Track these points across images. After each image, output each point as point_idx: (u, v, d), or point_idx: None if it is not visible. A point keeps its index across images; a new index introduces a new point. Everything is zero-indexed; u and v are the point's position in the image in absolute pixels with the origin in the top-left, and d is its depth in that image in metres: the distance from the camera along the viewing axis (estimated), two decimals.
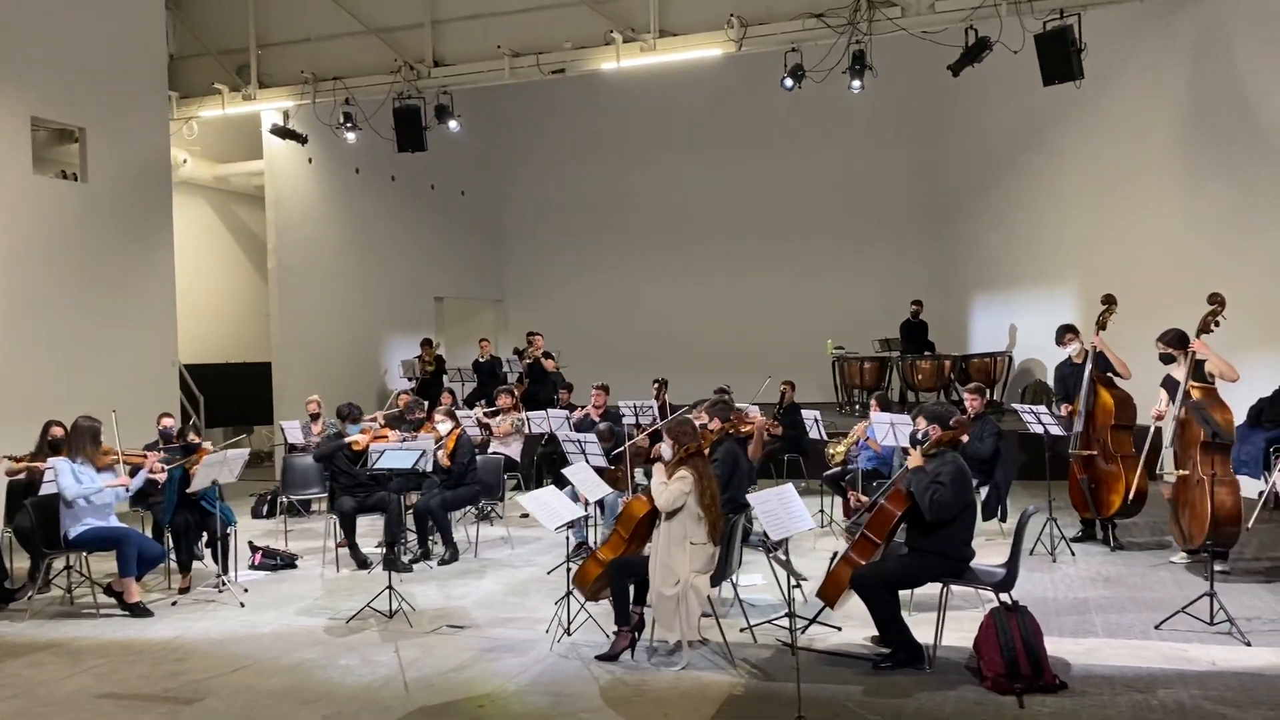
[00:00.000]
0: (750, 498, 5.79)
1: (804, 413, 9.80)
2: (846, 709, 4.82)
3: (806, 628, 5.95)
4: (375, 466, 6.96)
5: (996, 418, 9.42)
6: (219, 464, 7.17)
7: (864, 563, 5.45)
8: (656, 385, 12.15)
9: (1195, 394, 7.23)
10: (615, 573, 5.60)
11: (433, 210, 17.77)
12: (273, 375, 14.26)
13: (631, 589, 5.69)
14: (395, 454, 6.93)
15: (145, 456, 7.42)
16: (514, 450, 10.72)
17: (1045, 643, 5.63)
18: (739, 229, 18.50)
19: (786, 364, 16.03)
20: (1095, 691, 4.93)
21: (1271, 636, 5.67)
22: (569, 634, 5.96)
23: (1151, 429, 7.60)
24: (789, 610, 5.89)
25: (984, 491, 8.66)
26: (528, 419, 10.89)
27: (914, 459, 5.48)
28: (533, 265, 19.76)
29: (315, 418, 10.84)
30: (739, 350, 17.19)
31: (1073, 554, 7.94)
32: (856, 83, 11.84)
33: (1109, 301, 8.29)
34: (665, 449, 5.65)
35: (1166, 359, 7.65)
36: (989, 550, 8.09)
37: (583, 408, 11.21)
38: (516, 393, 12.91)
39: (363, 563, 8.12)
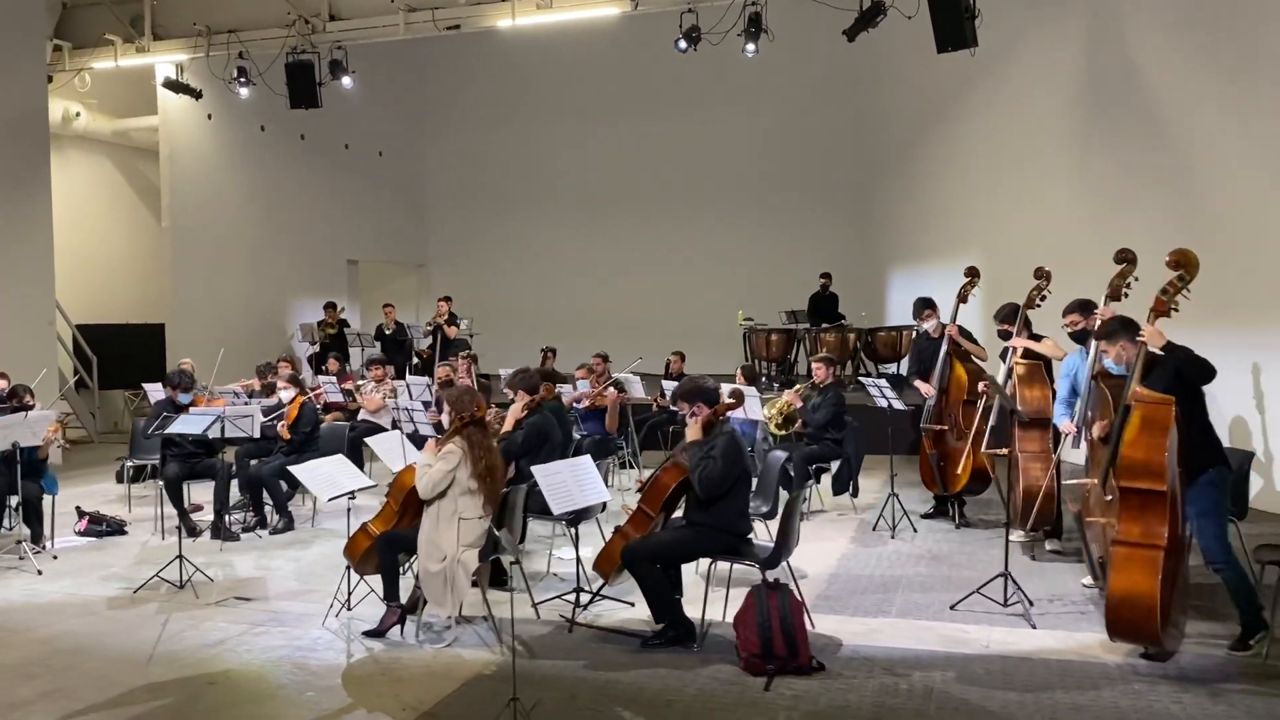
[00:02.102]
0: (535, 469, 5.62)
1: (664, 384, 9.59)
2: (582, 688, 4.66)
3: (589, 603, 5.77)
4: (165, 432, 6.71)
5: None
6: (18, 426, 6.90)
7: (637, 536, 5.26)
8: (544, 354, 11.93)
9: (1019, 368, 7.11)
10: (384, 547, 5.39)
11: (346, 170, 17.39)
12: (166, 337, 13.95)
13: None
14: (187, 420, 6.69)
15: None
16: (385, 422, 10.47)
17: (828, 622, 5.55)
18: (659, 197, 18.27)
19: (702, 335, 15.93)
20: (850, 674, 4.78)
21: (1061, 619, 5.54)
22: (349, 608, 5.76)
23: (982, 405, 7.45)
24: (577, 586, 5.76)
25: (834, 465, 8.54)
26: (397, 390, 10.63)
27: (692, 431, 5.29)
28: (457, 230, 19.45)
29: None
30: (657, 320, 17.04)
31: (914, 530, 7.80)
32: (751, 46, 11.63)
33: (972, 274, 8.12)
34: (444, 418, 5.42)
35: (1004, 335, 7.51)
36: (836, 526, 7.99)
37: None
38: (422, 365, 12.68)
39: (191, 530, 7.88)
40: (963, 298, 7.94)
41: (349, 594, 5.77)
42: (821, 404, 8.49)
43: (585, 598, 5.77)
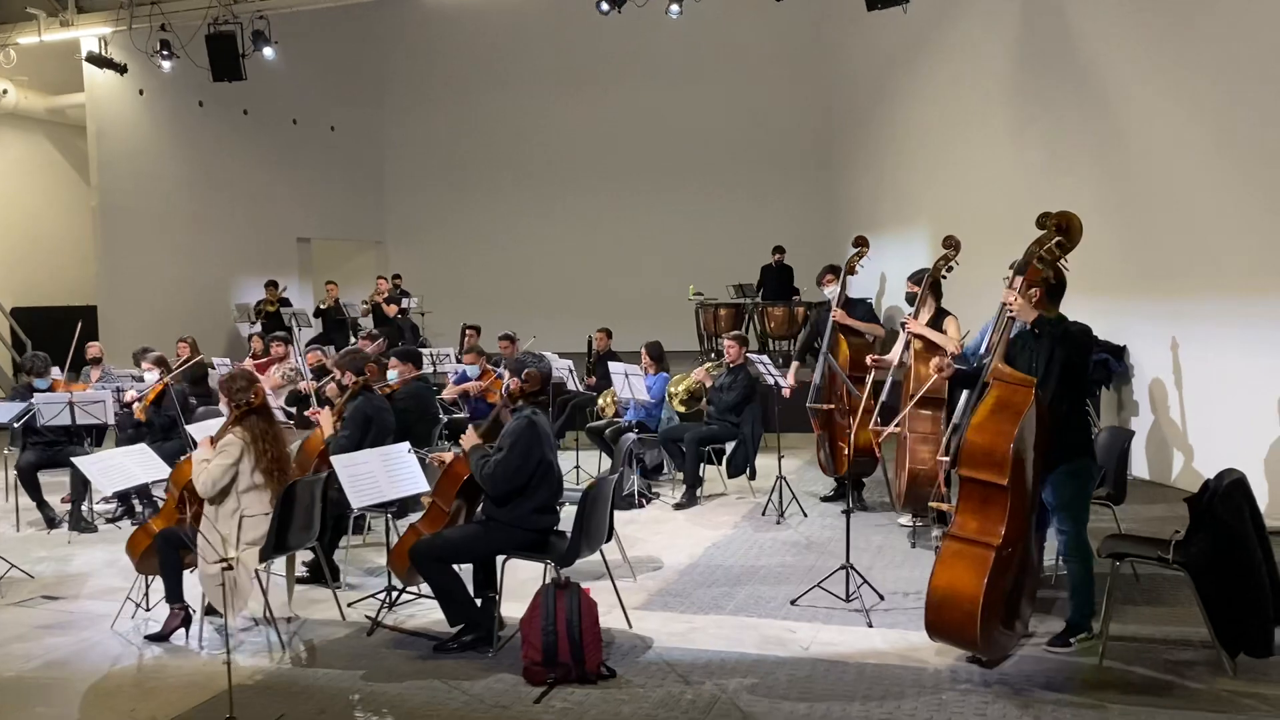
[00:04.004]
0: (335, 458, 5.23)
1: (560, 362, 9.15)
2: (337, 701, 4.28)
3: (396, 601, 5.38)
4: None
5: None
6: None
7: (428, 533, 4.86)
8: (465, 331, 11.45)
9: (916, 342, 6.64)
10: (163, 546, 5.02)
11: (295, 147, 16.97)
12: (98, 320, 13.66)
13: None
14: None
15: None
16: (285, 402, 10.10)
17: (652, 621, 5.15)
18: (621, 171, 17.76)
19: (656, 309, 15.47)
20: (639, 683, 4.37)
21: (906, 616, 5.09)
22: (147, 609, 5.39)
23: (871, 380, 7.00)
24: (388, 585, 5.38)
25: (730, 446, 8.10)
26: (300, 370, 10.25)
27: (469, 438, 4.85)
28: (417, 206, 18.99)
29: (96, 362, 10.24)
30: (613, 296, 16.56)
31: (804, 514, 7.37)
32: (675, 7, 11.16)
33: (860, 244, 7.63)
34: (222, 406, 5.04)
35: (911, 299, 7.03)
36: (729, 510, 7.55)
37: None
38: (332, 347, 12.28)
39: (50, 521, 7.57)
40: (850, 269, 7.45)
41: (145, 594, 5.40)
42: (732, 384, 8.05)
43: (400, 597, 5.38)
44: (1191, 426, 7.65)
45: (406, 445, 5.46)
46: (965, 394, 5.73)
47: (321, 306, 14.53)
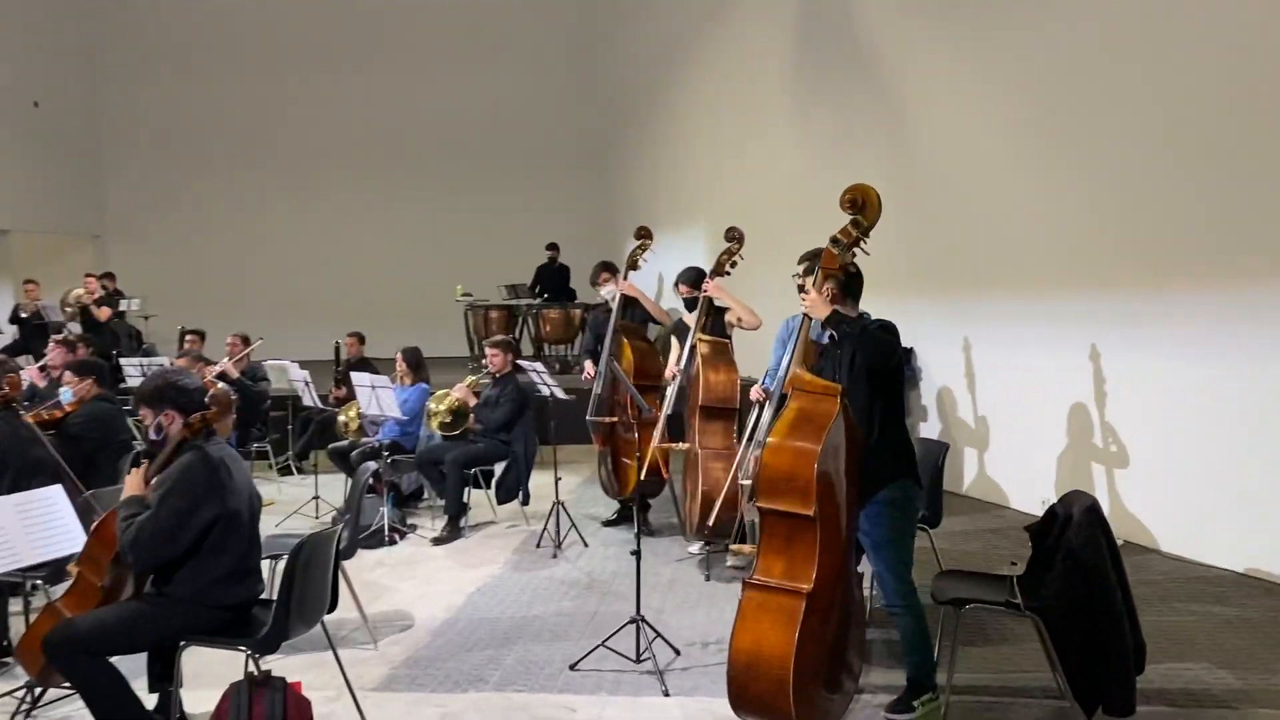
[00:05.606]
0: None
1: (297, 372, 7.80)
2: None
3: (37, 703, 3.98)
4: None
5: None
6: None
7: (71, 614, 3.52)
8: (184, 336, 9.73)
9: (703, 346, 5.84)
10: None
11: None
12: None
13: None
14: None
15: None
16: None
17: (395, 707, 4.02)
18: (376, 162, 16.30)
19: (420, 311, 14.16)
20: None
21: (702, 678, 4.21)
22: None
23: (667, 392, 6.18)
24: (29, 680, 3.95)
25: (499, 468, 7.05)
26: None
27: (132, 482, 3.57)
28: (141, 196, 16.60)
29: None
30: (370, 295, 15.08)
31: (585, 544, 6.43)
32: None
33: (643, 235, 6.78)
34: None
35: (690, 304, 6.24)
36: (498, 543, 6.48)
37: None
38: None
39: None
40: (632, 264, 6.59)
41: None
42: (500, 398, 6.97)
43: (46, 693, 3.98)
44: (985, 431, 7.31)
45: (57, 489, 4.08)
46: (765, 407, 5.00)
47: (23, 315, 12.28)
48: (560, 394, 6.62)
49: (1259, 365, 5.35)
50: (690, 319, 6.09)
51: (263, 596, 3.72)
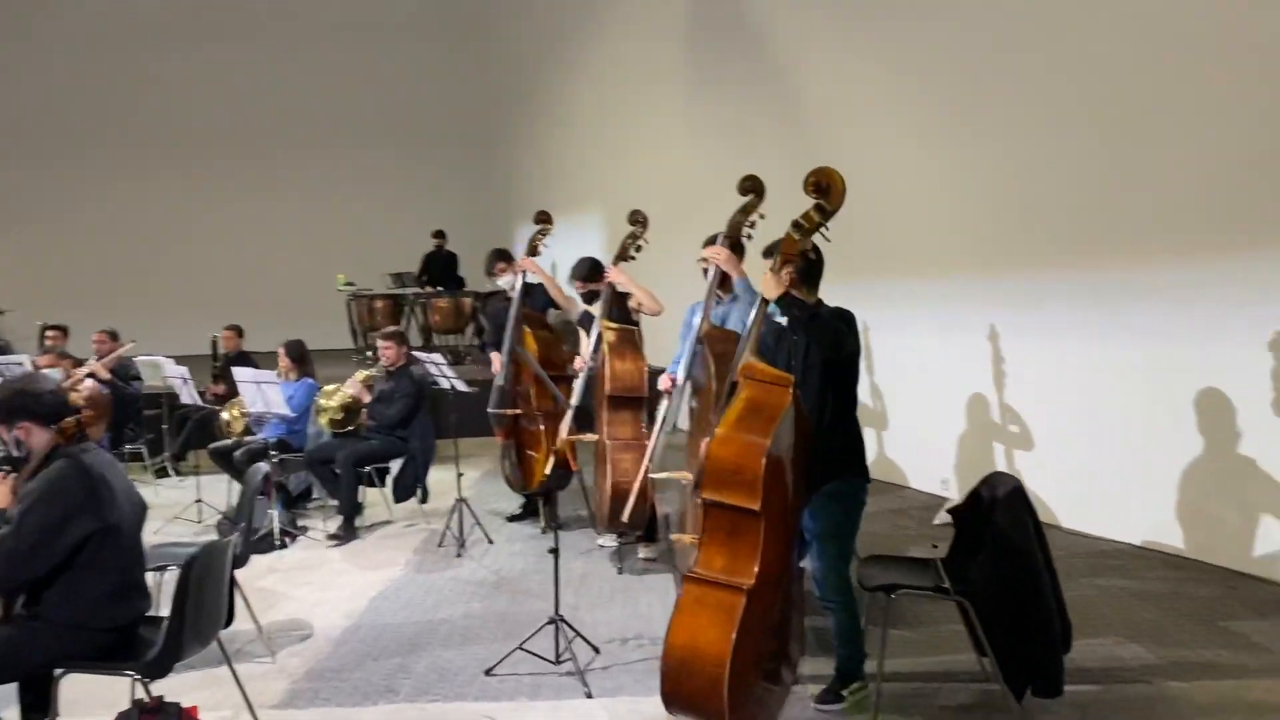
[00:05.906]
0: None
1: (173, 369, 7.32)
2: None
3: None
4: None
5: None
6: None
7: None
8: (53, 334, 9.08)
9: (609, 335, 5.67)
10: None
11: None
12: None
13: None
14: None
15: None
16: None
17: None
18: (250, 143, 15.49)
19: (299, 302, 13.55)
20: None
21: (624, 676, 4.07)
22: None
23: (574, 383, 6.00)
24: None
25: (395, 466, 6.75)
26: None
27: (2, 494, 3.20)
28: None
29: None
30: (245, 286, 14.34)
31: (490, 541, 6.20)
32: None
33: (543, 219, 6.54)
34: None
35: (589, 297, 6.08)
36: (396, 544, 6.19)
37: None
38: None
39: None
40: (533, 249, 6.37)
41: None
42: (395, 393, 6.64)
43: None
44: (883, 412, 7.37)
45: None
46: (671, 397, 4.88)
47: None
48: (462, 386, 6.35)
49: (1153, 343, 5.50)
50: (595, 309, 5.92)
51: (149, 614, 3.40)
